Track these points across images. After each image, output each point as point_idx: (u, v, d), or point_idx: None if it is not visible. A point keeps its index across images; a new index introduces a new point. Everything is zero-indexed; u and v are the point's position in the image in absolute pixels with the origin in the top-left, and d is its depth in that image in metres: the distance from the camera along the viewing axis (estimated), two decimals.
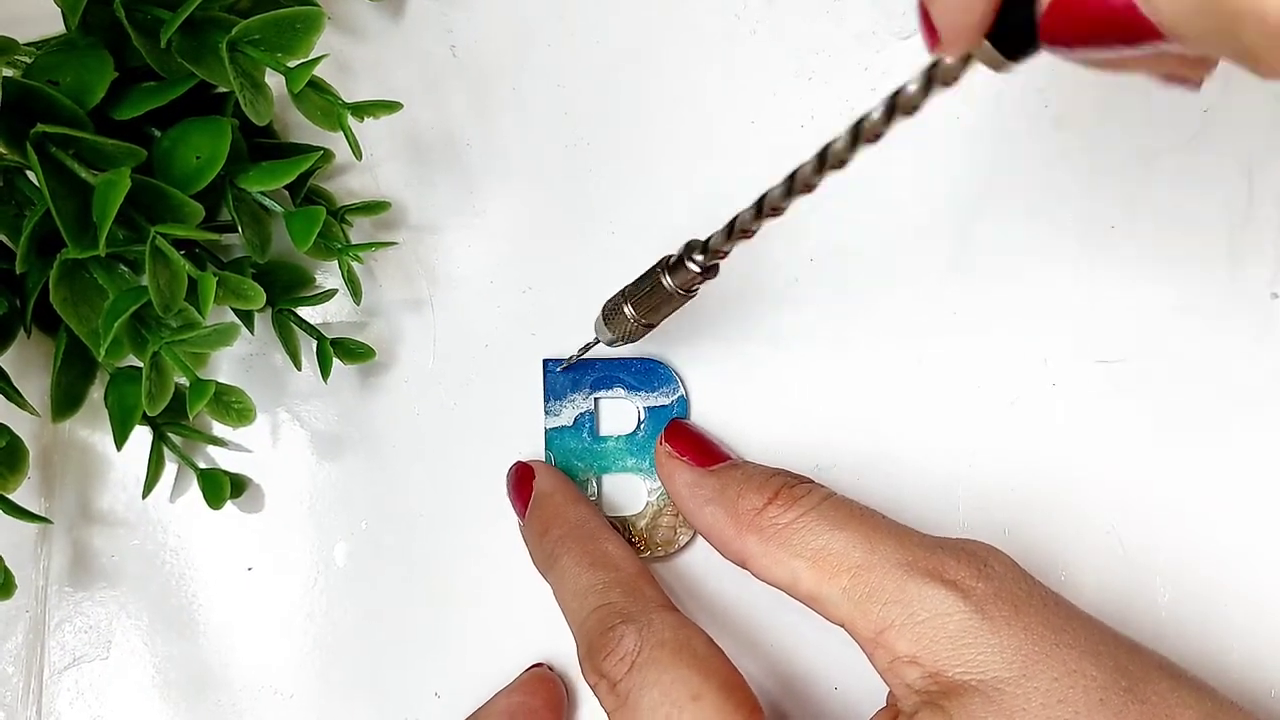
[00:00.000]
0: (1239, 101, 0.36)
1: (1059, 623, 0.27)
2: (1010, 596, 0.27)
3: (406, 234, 0.40)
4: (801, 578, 0.29)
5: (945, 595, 0.27)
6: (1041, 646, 0.26)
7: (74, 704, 0.39)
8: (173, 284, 0.32)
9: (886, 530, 0.29)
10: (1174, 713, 0.25)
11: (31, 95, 0.32)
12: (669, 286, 0.31)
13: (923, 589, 0.27)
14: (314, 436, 0.39)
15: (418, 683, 0.38)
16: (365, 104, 0.34)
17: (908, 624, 0.27)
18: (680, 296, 0.31)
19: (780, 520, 0.30)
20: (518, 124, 0.40)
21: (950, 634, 0.27)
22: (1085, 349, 0.36)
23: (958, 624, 0.27)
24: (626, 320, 0.32)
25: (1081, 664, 0.26)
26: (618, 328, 0.33)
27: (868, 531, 0.29)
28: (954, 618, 0.27)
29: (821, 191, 0.27)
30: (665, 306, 0.32)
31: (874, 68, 0.37)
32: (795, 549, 0.29)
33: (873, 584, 0.28)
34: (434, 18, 0.40)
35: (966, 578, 0.27)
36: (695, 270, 0.30)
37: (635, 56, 0.39)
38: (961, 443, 0.36)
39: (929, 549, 0.28)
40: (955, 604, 0.27)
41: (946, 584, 0.27)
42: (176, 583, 0.39)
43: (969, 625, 0.26)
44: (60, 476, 0.40)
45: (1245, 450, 0.35)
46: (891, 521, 0.30)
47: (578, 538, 0.33)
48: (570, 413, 0.37)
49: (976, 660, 0.26)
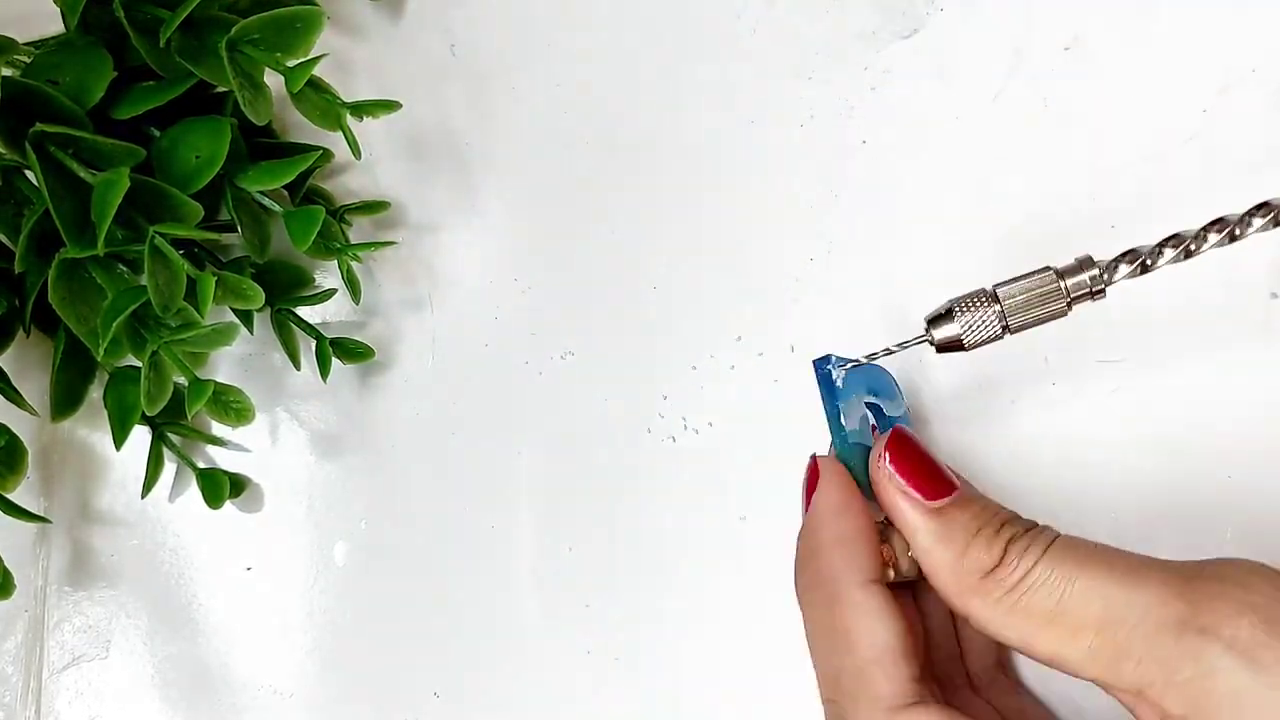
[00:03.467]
0: (1239, 101, 0.36)
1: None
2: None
3: (406, 233, 0.40)
4: (1037, 641, 0.26)
5: (1204, 646, 0.24)
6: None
7: (73, 704, 0.39)
8: (172, 283, 0.32)
9: (1124, 571, 0.26)
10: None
11: (31, 94, 0.32)
12: (1062, 290, 0.28)
13: (1179, 644, 0.24)
14: (313, 436, 0.39)
15: (417, 683, 0.38)
16: (364, 103, 0.34)
17: (1170, 684, 0.24)
18: (1062, 308, 0.28)
19: (1007, 581, 0.27)
20: (517, 123, 0.39)
21: (1222, 694, 0.24)
22: (1086, 349, 0.36)
23: (1226, 682, 0.24)
24: (988, 318, 0.29)
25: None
26: (974, 323, 0.29)
27: (1104, 577, 0.26)
28: (1221, 675, 0.24)
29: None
30: (1037, 311, 0.29)
31: (874, 67, 0.37)
32: (1025, 611, 0.26)
33: (1120, 642, 0.25)
34: (433, 17, 0.40)
35: (1224, 621, 0.24)
36: (1089, 283, 0.28)
37: (635, 55, 0.39)
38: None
39: (1176, 587, 0.25)
40: (1219, 657, 0.24)
41: (1203, 634, 0.24)
42: (176, 582, 0.39)
43: (1241, 682, 0.23)
44: (59, 476, 0.40)
45: (1246, 449, 0.35)
46: (1128, 556, 0.27)
47: (825, 598, 0.30)
48: (857, 415, 0.32)
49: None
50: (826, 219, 0.37)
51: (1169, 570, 0.26)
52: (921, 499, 0.29)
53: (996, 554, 0.27)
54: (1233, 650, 0.24)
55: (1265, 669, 0.23)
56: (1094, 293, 0.28)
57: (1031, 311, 0.29)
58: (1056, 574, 0.26)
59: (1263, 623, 0.24)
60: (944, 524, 0.28)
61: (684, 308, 0.38)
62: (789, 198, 0.37)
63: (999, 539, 0.28)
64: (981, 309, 0.29)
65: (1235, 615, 0.24)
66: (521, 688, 0.38)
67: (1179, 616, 0.25)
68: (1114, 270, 0.28)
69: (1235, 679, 0.24)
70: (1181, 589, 0.25)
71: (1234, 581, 0.25)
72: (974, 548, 0.28)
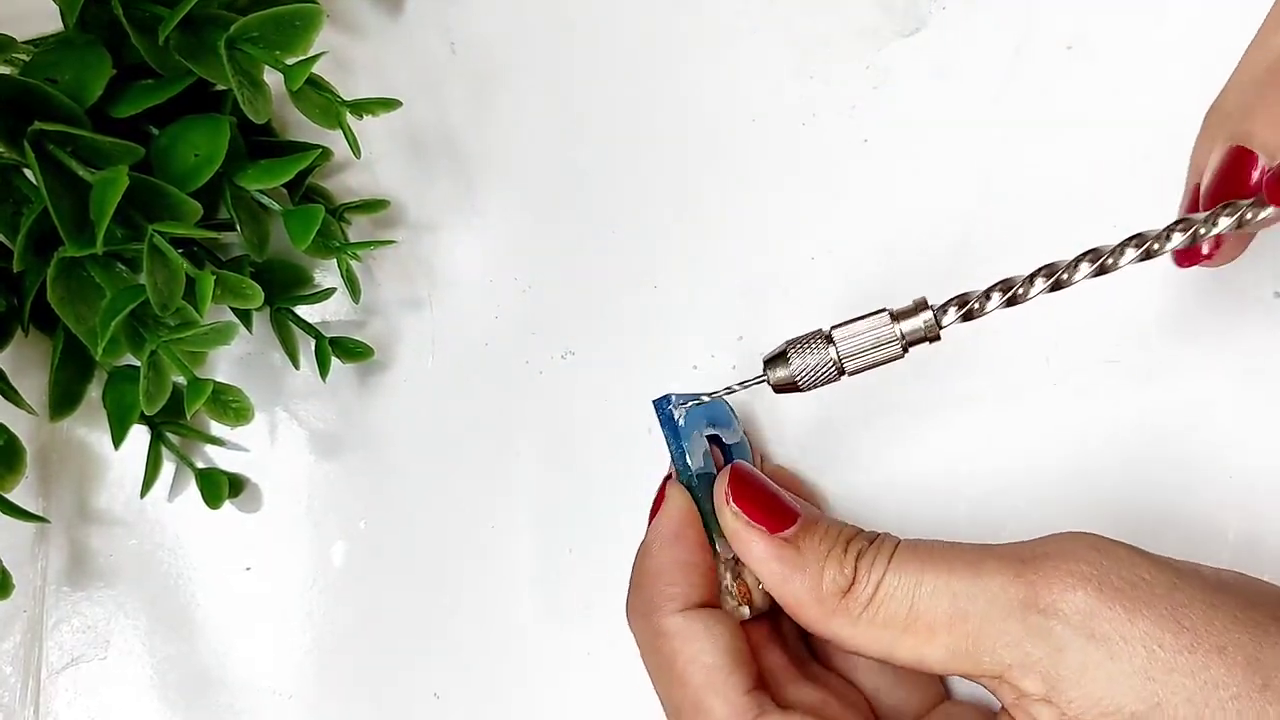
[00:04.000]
0: None
1: (1176, 614, 0.25)
2: (1116, 598, 0.25)
3: (405, 232, 0.40)
4: (898, 649, 0.27)
5: (1048, 625, 0.25)
6: (1165, 659, 0.24)
7: (72, 704, 0.39)
8: (170, 282, 0.32)
9: (964, 564, 0.27)
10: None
11: (29, 93, 0.32)
12: (896, 335, 0.28)
13: (1025, 626, 0.25)
14: (312, 436, 0.39)
15: (417, 683, 0.38)
16: (364, 101, 0.33)
17: (1025, 666, 0.25)
18: (897, 351, 0.28)
19: (862, 597, 0.27)
20: (517, 121, 0.39)
21: (1070, 668, 0.25)
22: (1086, 349, 0.35)
23: (1074, 657, 0.25)
24: (825, 360, 0.29)
25: (1212, 671, 0.24)
26: (808, 367, 0.29)
27: (946, 574, 0.27)
28: (1068, 651, 0.25)
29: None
30: (871, 355, 0.29)
31: (876, 65, 0.37)
32: (884, 623, 0.27)
33: (972, 634, 0.26)
34: (433, 15, 0.40)
35: (1061, 597, 0.25)
36: (924, 327, 0.28)
37: (636, 53, 0.39)
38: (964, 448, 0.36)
39: (1013, 571, 0.26)
40: (1063, 634, 0.25)
41: (1044, 613, 0.25)
42: (175, 582, 0.39)
43: (1086, 656, 0.25)
44: (58, 476, 0.40)
45: (1246, 449, 0.35)
46: (967, 549, 0.28)
47: (649, 629, 0.30)
48: (700, 450, 0.32)
49: (1109, 697, 0.24)
50: (827, 218, 0.37)
51: (1005, 555, 0.27)
52: (768, 532, 0.29)
53: (850, 573, 0.28)
54: (1072, 624, 0.25)
55: (1103, 639, 0.24)
56: (929, 337, 0.28)
57: (865, 355, 0.29)
58: (903, 580, 0.27)
59: (1095, 592, 0.25)
60: (795, 553, 0.29)
61: (684, 308, 0.38)
62: (790, 197, 0.37)
63: (849, 557, 0.28)
64: (817, 352, 0.29)
65: (1069, 589, 0.25)
66: (521, 688, 0.38)
67: (1021, 599, 0.25)
68: (943, 314, 0.28)
69: (1080, 653, 0.25)
70: (1019, 571, 0.26)
71: (1064, 555, 0.26)
72: (828, 571, 0.28)
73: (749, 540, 0.29)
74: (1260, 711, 0.24)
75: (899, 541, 0.28)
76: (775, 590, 0.29)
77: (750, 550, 0.29)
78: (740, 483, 0.30)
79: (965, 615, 0.26)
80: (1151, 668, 0.24)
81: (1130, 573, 0.25)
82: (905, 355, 0.29)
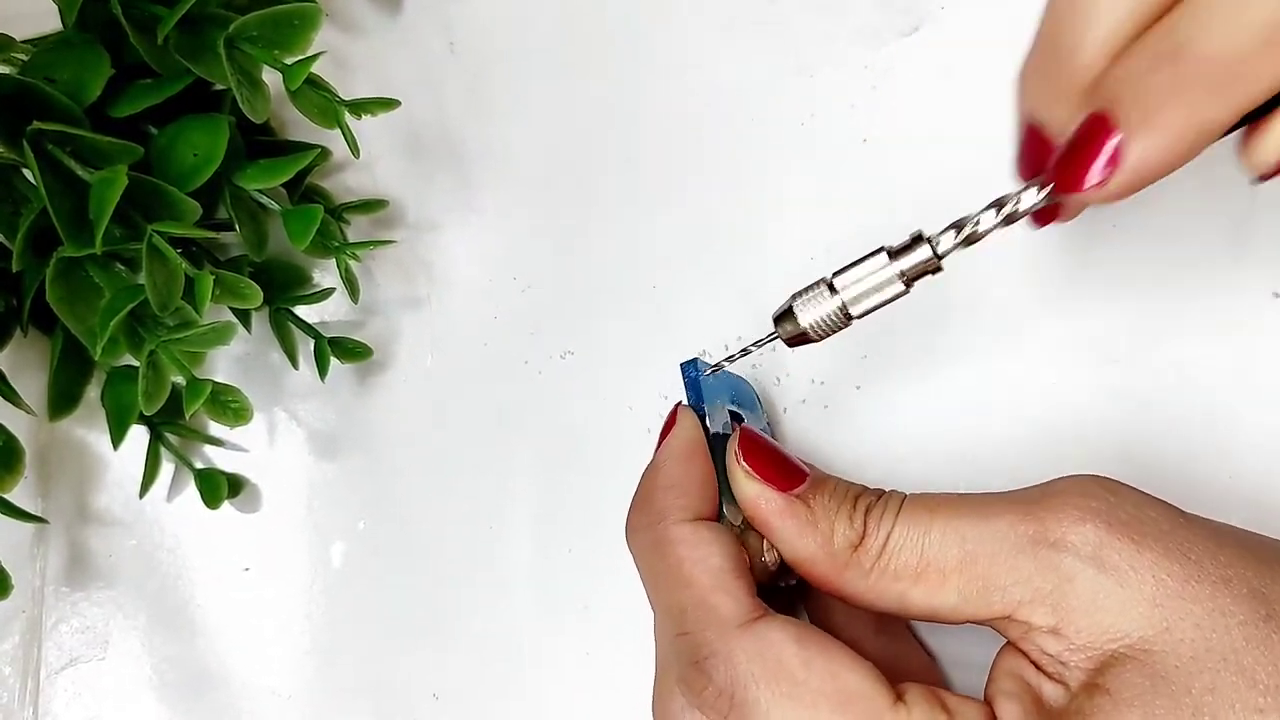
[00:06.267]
0: None
1: (1182, 548, 0.25)
2: (1124, 531, 0.26)
3: (405, 232, 0.40)
4: (911, 599, 0.28)
5: (1058, 558, 0.26)
6: (1173, 588, 0.25)
7: (71, 705, 0.39)
8: (170, 282, 0.32)
9: (972, 508, 0.27)
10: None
11: (28, 92, 0.32)
12: (897, 272, 0.28)
13: (1035, 561, 0.26)
14: (311, 436, 0.39)
15: (417, 683, 0.38)
16: (363, 101, 0.33)
17: (1035, 600, 0.26)
18: (900, 289, 0.28)
19: (873, 550, 0.28)
20: (517, 121, 0.39)
21: (1080, 597, 0.25)
22: (1087, 349, 0.35)
23: (1084, 586, 0.25)
24: (828, 308, 0.29)
25: (1218, 600, 0.25)
26: (814, 316, 0.29)
27: (955, 519, 0.27)
28: (1078, 580, 0.25)
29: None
30: (876, 296, 0.29)
31: (875, 65, 0.37)
32: (895, 574, 0.28)
33: (983, 575, 0.27)
34: (432, 14, 0.40)
35: (1070, 530, 0.26)
36: (924, 259, 0.28)
37: (635, 51, 0.39)
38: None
39: (1022, 510, 0.27)
40: (1072, 565, 0.25)
41: (1054, 547, 0.26)
42: (174, 583, 0.39)
43: (1096, 585, 0.25)
44: (57, 476, 0.39)
45: (1246, 450, 0.35)
46: (973, 496, 0.28)
47: (653, 539, 0.30)
48: (720, 420, 0.32)
49: (1117, 624, 0.25)
50: (827, 217, 0.37)
51: (1013, 498, 0.27)
52: (779, 490, 0.30)
53: (859, 527, 0.28)
54: (1082, 555, 0.25)
55: (1112, 568, 0.25)
56: (931, 270, 0.28)
57: (870, 297, 0.29)
58: (913, 530, 0.28)
59: (1104, 524, 0.26)
60: (805, 510, 0.29)
61: (684, 308, 0.38)
62: (790, 196, 0.37)
63: (858, 513, 0.29)
64: (822, 302, 0.29)
65: (1079, 522, 0.26)
66: (521, 688, 0.38)
67: (1031, 536, 0.26)
68: (939, 242, 0.28)
69: (1090, 582, 0.25)
70: (1028, 510, 0.27)
71: (1074, 492, 0.26)
72: (838, 526, 0.29)
73: (760, 498, 0.30)
74: (1265, 638, 0.24)
75: (906, 495, 0.29)
76: (787, 547, 0.29)
77: (761, 508, 0.30)
78: (751, 442, 0.31)
79: (974, 558, 0.27)
80: (1160, 594, 0.25)
81: (1137, 510, 0.26)
82: (910, 290, 0.29)
